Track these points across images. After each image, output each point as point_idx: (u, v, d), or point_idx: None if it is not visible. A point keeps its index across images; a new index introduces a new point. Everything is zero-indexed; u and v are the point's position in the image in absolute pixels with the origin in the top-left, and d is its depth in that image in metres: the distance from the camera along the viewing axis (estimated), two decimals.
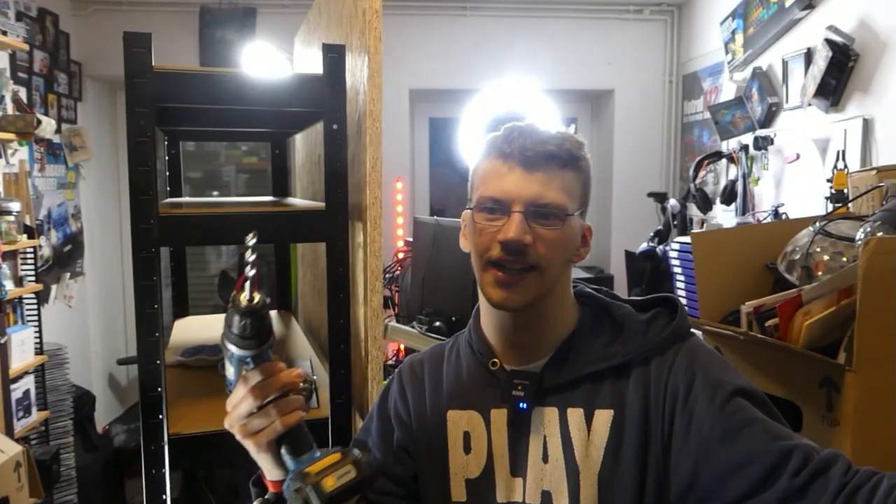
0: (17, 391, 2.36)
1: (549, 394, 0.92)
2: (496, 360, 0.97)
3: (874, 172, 1.53)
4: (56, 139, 3.23)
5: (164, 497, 1.21)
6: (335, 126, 1.27)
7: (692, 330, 0.94)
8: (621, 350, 0.91)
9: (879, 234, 1.16)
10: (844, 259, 1.25)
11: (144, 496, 1.21)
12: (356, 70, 1.37)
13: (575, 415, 0.90)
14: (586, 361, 0.91)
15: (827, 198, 2.21)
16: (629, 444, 0.87)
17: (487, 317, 0.99)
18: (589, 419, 0.90)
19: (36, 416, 2.51)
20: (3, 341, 2.15)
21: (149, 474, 1.20)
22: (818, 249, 1.30)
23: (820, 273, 1.28)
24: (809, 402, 1.18)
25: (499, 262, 0.89)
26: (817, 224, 1.35)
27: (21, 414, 2.39)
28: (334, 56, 1.26)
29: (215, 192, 4.23)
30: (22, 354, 2.42)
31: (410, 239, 2.80)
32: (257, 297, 0.71)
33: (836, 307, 1.15)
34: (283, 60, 3.10)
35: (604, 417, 0.89)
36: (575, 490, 0.88)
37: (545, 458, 0.91)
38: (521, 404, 0.92)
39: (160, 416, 1.20)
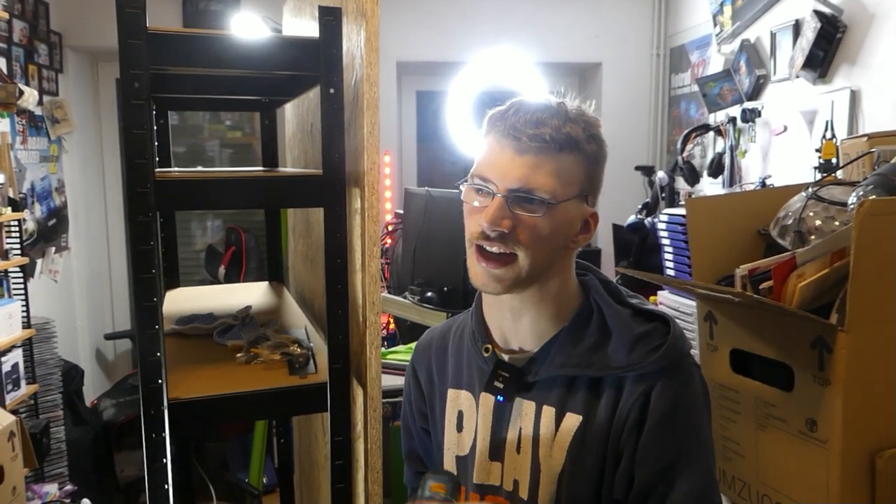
0: (5, 364, 2.35)
1: (530, 387, 0.94)
2: (489, 346, 0.98)
3: (865, 139, 1.55)
4: (38, 111, 3.18)
5: (164, 461, 1.22)
6: (332, 90, 1.26)
7: (690, 351, 0.92)
8: (601, 361, 0.89)
9: (872, 196, 1.18)
10: (837, 223, 1.27)
11: (145, 461, 1.22)
12: (351, 35, 1.36)
13: (548, 413, 0.92)
14: (564, 363, 0.91)
15: (815, 167, 2.24)
16: (591, 453, 0.89)
17: (486, 300, 1.00)
18: (559, 420, 0.91)
19: (25, 389, 2.50)
20: None
21: (149, 439, 1.20)
22: (811, 214, 1.32)
23: (812, 237, 1.30)
24: (801, 362, 1.20)
25: (480, 244, 0.88)
26: (809, 189, 1.37)
27: (10, 387, 2.38)
28: (330, 18, 1.25)
29: (199, 167, 4.18)
30: (10, 328, 2.40)
31: (400, 211, 2.81)
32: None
33: (829, 269, 1.17)
34: (270, 32, 3.06)
35: (572, 422, 0.90)
36: (535, 485, 0.91)
37: (518, 449, 0.94)
38: (499, 396, 0.95)
39: (160, 381, 1.20)
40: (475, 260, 0.90)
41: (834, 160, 2.13)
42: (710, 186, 3.28)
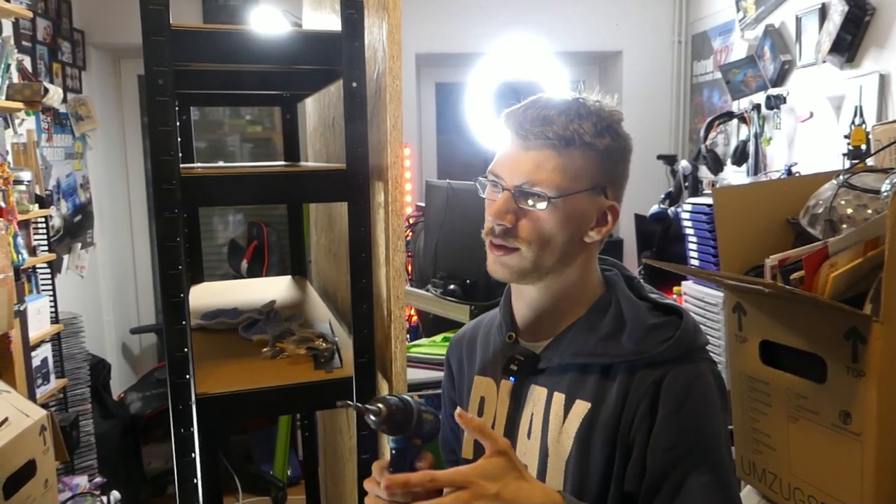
0: (35, 359, 2.38)
1: (543, 374, 0.96)
2: (512, 333, 1.01)
3: None
4: (62, 109, 3.21)
5: (192, 455, 1.23)
6: (355, 84, 1.26)
7: (704, 347, 0.93)
8: (613, 350, 0.91)
9: None
10: (870, 211, 1.24)
11: (174, 455, 1.23)
12: (373, 28, 1.35)
13: (558, 399, 0.94)
14: (577, 351, 0.93)
15: (844, 154, 2.20)
16: (599, 441, 0.89)
17: (514, 291, 1.03)
18: (568, 407, 0.92)
19: (54, 383, 2.54)
20: (22, 308, 2.16)
21: (177, 433, 1.21)
22: (842, 202, 1.29)
23: (844, 226, 1.27)
24: (834, 354, 1.18)
25: (491, 235, 0.93)
26: (841, 177, 1.34)
27: (40, 381, 2.41)
28: (353, 12, 1.25)
29: (220, 162, 4.21)
30: (38, 323, 2.43)
31: (421, 204, 2.80)
32: (381, 406, 0.79)
33: (862, 258, 1.15)
34: (290, 26, 3.06)
35: (580, 409, 0.91)
36: (542, 471, 0.93)
37: (528, 435, 0.96)
38: (511, 378, 0.98)
39: (187, 376, 1.21)
40: (488, 249, 0.95)
41: (864, 146, 2.09)
42: (733, 175, 3.23)
